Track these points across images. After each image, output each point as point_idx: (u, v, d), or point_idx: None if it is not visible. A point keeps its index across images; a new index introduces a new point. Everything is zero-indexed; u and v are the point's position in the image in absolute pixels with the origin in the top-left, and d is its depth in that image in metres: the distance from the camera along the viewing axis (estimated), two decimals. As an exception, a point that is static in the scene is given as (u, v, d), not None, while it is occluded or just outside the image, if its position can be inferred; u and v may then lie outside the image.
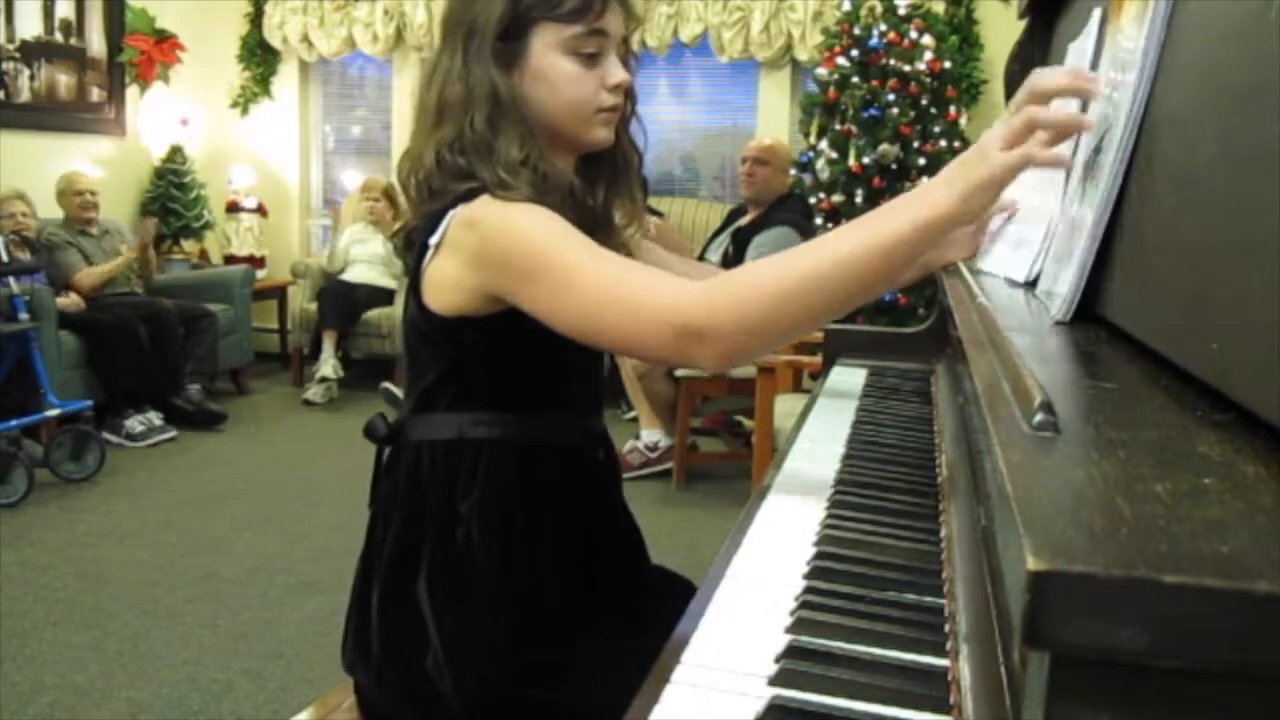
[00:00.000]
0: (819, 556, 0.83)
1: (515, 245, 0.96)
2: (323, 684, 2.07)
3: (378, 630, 1.07)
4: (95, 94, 5.24)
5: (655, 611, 1.06)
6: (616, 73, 1.06)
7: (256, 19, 5.68)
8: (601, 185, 1.13)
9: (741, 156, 3.98)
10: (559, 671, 1.03)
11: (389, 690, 1.06)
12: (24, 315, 3.74)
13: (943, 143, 4.12)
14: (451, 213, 1.00)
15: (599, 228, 1.12)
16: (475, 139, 1.01)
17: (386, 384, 4.54)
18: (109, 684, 2.23)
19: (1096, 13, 1.02)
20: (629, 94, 1.11)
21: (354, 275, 5.03)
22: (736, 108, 5.29)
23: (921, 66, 4.12)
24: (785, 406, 3.10)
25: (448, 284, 1.02)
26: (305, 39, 5.57)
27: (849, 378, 1.52)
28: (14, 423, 3.53)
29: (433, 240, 1.01)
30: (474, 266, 0.99)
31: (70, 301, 4.24)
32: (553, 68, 1.03)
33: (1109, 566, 0.33)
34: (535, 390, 1.08)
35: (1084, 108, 0.92)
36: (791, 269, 0.87)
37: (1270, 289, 0.48)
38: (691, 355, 0.90)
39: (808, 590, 0.76)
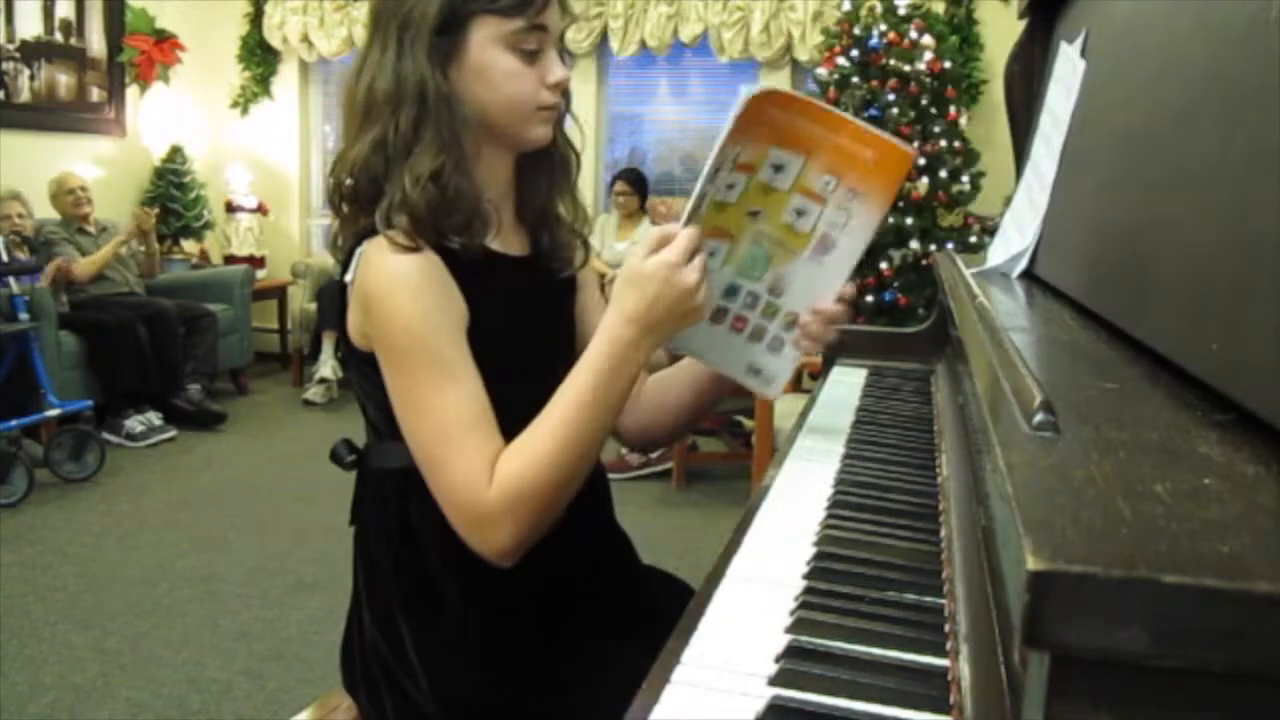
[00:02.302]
0: (819, 556, 0.83)
1: (390, 331, 0.97)
2: (323, 684, 2.06)
3: (369, 650, 1.07)
4: (95, 94, 5.24)
5: (651, 614, 1.06)
6: (556, 70, 1.03)
7: (256, 19, 5.68)
8: (543, 184, 1.11)
9: None
10: (548, 683, 1.03)
11: (383, 711, 1.06)
12: (24, 315, 3.74)
13: (943, 143, 4.12)
14: (358, 250, 1.00)
15: (544, 223, 1.12)
16: (398, 142, 0.98)
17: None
18: (109, 684, 2.23)
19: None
20: (565, 92, 1.08)
21: (354, 275, 5.03)
22: (736, 108, 5.28)
23: (921, 66, 4.11)
24: (785, 406, 3.10)
25: (360, 324, 1.01)
26: (305, 39, 5.57)
27: (849, 378, 1.51)
28: (14, 423, 3.53)
29: (348, 279, 1.02)
30: (365, 321, 1.00)
31: (55, 270, 4.18)
32: (492, 63, 1.00)
33: (1109, 566, 0.33)
34: None
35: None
36: (553, 439, 0.94)
37: (1270, 289, 0.48)
38: (487, 542, 0.95)
39: (808, 590, 0.76)
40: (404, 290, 0.96)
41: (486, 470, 0.94)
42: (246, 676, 2.27)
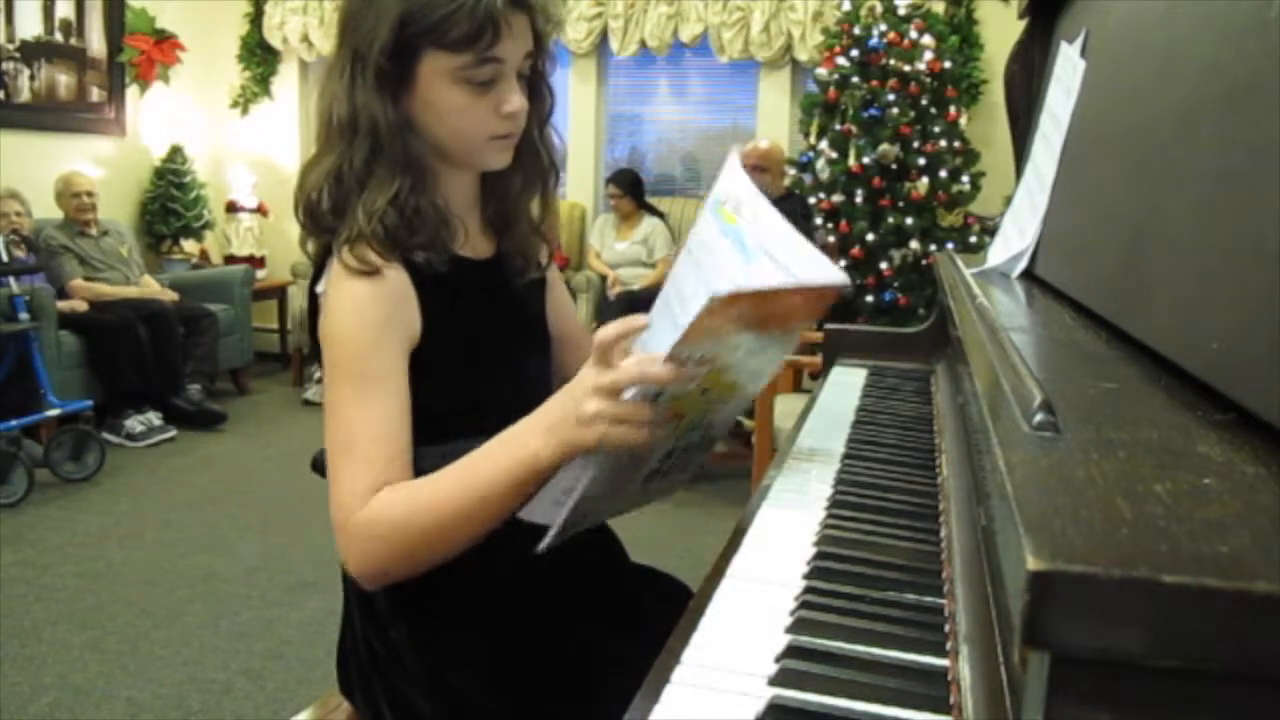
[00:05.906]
0: (819, 556, 0.83)
1: (329, 340, 0.99)
2: (323, 684, 2.06)
3: (363, 651, 1.08)
4: (95, 94, 5.24)
5: (649, 614, 1.06)
6: (511, 100, 1.00)
7: (256, 19, 5.68)
8: (514, 186, 1.11)
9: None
10: (545, 681, 1.03)
11: (379, 712, 1.06)
12: (24, 315, 3.74)
13: (943, 143, 4.12)
14: (329, 262, 1.01)
15: (508, 224, 1.12)
16: (353, 176, 0.99)
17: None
18: (109, 684, 2.23)
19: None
20: (542, 97, 1.08)
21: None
22: (736, 108, 5.29)
23: (921, 66, 4.12)
24: (785, 406, 3.10)
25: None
26: (305, 39, 5.57)
27: (849, 378, 1.51)
28: (14, 423, 3.53)
29: (319, 289, 1.03)
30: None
31: (70, 305, 4.24)
32: (440, 98, 0.99)
33: (1109, 566, 0.33)
34: (447, 422, 1.05)
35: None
36: (428, 512, 0.92)
37: (1270, 289, 0.48)
38: (343, 557, 0.96)
39: (808, 590, 0.76)
40: (349, 308, 0.98)
41: (366, 492, 0.95)
42: (246, 676, 2.27)
